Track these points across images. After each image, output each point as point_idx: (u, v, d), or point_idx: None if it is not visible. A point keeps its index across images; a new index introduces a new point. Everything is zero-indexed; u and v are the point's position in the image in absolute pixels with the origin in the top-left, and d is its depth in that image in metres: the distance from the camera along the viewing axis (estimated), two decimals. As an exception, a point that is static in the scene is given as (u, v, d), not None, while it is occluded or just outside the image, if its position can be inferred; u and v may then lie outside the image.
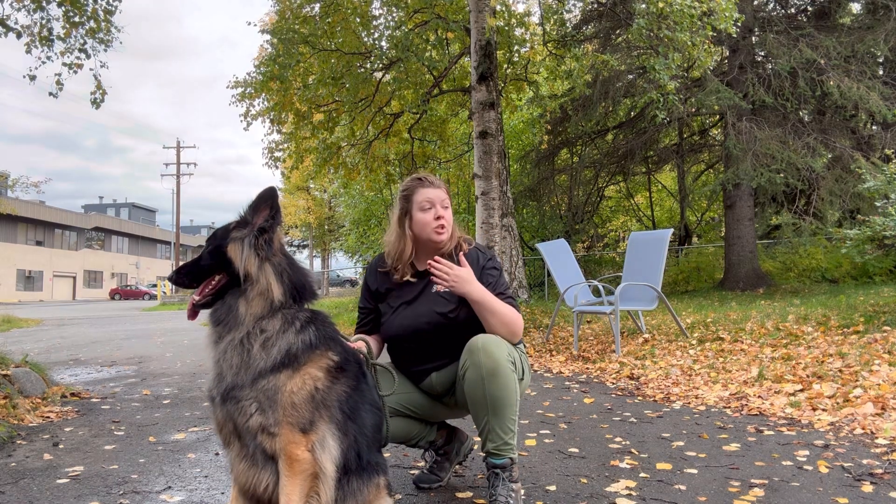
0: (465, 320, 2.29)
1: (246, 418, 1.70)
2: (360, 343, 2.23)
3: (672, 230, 6.96)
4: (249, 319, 1.75)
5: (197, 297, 1.83)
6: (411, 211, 2.36)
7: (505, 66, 11.70)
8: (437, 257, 2.27)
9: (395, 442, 2.41)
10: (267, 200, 1.82)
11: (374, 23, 11.43)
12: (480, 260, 2.38)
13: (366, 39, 11.33)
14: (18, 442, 3.43)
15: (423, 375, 2.38)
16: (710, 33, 7.91)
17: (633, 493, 2.39)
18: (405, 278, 2.39)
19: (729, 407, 3.89)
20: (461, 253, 2.36)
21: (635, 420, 3.67)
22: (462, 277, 2.21)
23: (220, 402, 1.74)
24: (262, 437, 1.70)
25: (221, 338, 1.78)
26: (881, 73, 12.29)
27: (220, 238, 1.84)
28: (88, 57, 7.81)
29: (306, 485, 1.70)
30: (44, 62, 7.66)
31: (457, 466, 2.69)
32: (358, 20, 11.02)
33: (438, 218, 2.32)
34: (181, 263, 1.89)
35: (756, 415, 3.67)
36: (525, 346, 2.58)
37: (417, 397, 2.42)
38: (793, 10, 13.46)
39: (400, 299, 2.39)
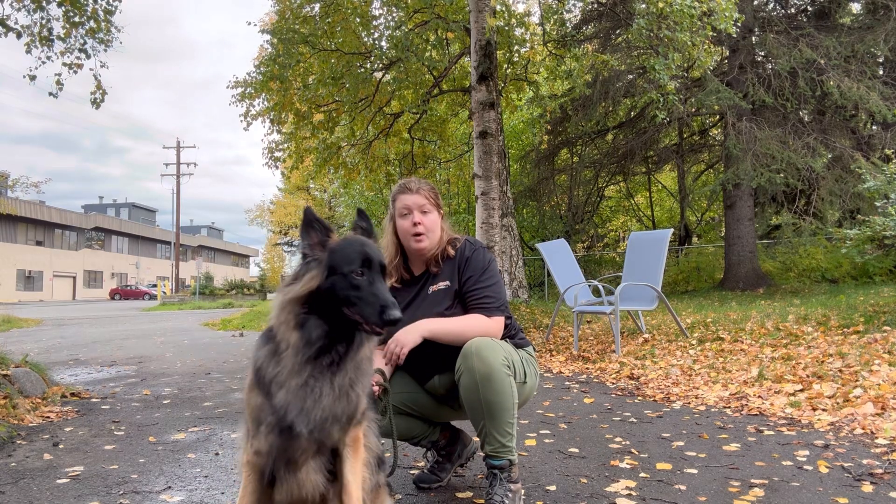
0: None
1: (335, 438, 1.69)
2: (376, 376, 2.24)
3: (672, 230, 6.97)
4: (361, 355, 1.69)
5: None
6: (395, 217, 2.39)
7: (505, 66, 11.70)
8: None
9: (398, 440, 2.41)
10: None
11: (374, 23, 11.43)
12: (466, 251, 2.36)
13: (366, 39, 11.33)
14: (18, 442, 3.43)
15: (427, 377, 2.38)
16: (710, 33, 7.91)
17: (633, 493, 2.39)
18: (392, 283, 2.39)
19: (729, 407, 3.89)
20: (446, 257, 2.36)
21: (635, 420, 3.67)
22: (399, 342, 2.16)
23: (306, 434, 1.63)
24: (339, 439, 1.72)
25: (321, 374, 1.61)
26: (881, 73, 12.30)
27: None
28: (88, 57, 7.81)
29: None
30: (44, 62, 7.66)
31: (457, 468, 2.69)
32: (358, 20, 11.02)
33: (415, 224, 2.32)
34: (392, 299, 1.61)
35: (756, 415, 3.66)
36: (534, 349, 2.57)
37: (421, 397, 2.42)
38: (793, 10, 13.47)
39: (399, 303, 2.39)
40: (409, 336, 2.18)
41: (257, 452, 1.65)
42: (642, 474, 2.62)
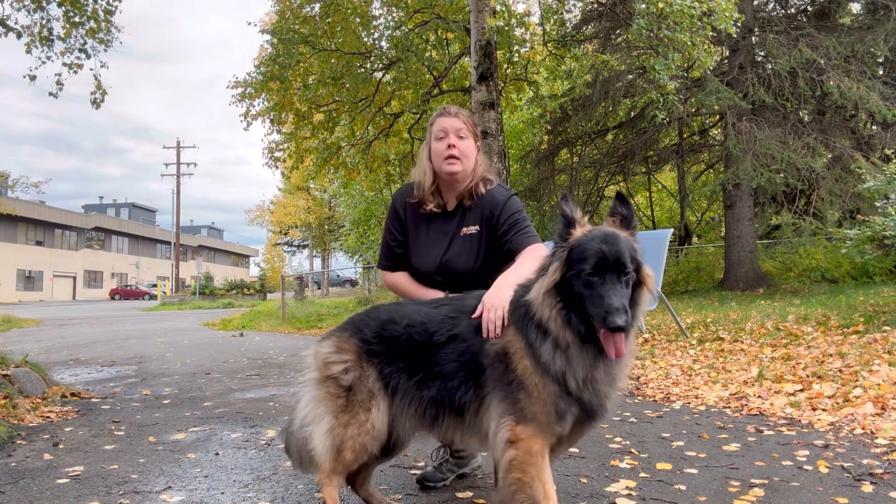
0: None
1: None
2: None
3: (672, 230, 6.97)
4: None
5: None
6: (431, 142, 2.40)
7: (505, 66, 11.69)
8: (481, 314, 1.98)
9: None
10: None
11: (374, 23, 11.43)
12: (499, 195, 2.38)
13: (366, 39, 11.33)
14: (18, 442, 3.43)
15: None
16: (710, 33, 7.92)
17: (633, 493, 2.39)
18: (430, 209, 2.40)
19: (729, 407, 3.89)
20: (478, 193, 2.39)
21: (635, 420, 3.67)
22: (495, 306, 1.94)
23: (601, 416, 1.82)
24: None
25: (608, 367, 1.75)
26: (881, 73, 12.29)
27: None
28: (88, 57, 7.82)
29: None
30: (44, 62, 7.67)
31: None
32: (358, 20, 11.02)
33: (450, 147, 2.32)
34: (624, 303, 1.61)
35: (756, 415, 3.66)
36: None
37: None
38: (793, 10, 13.46)
39: (430, 234, 2.42)
40: (503, 294, 1.95)
41: (553, 434, 1.76)
42: (642, 474, 2.62)
